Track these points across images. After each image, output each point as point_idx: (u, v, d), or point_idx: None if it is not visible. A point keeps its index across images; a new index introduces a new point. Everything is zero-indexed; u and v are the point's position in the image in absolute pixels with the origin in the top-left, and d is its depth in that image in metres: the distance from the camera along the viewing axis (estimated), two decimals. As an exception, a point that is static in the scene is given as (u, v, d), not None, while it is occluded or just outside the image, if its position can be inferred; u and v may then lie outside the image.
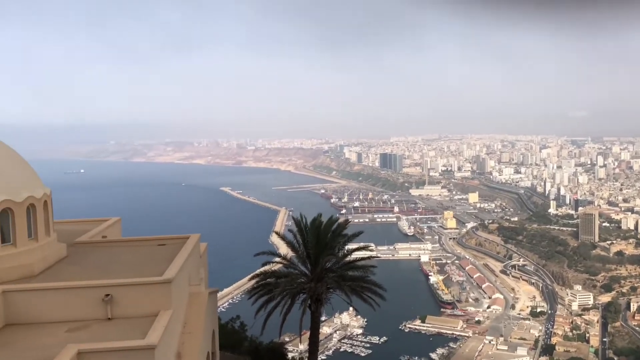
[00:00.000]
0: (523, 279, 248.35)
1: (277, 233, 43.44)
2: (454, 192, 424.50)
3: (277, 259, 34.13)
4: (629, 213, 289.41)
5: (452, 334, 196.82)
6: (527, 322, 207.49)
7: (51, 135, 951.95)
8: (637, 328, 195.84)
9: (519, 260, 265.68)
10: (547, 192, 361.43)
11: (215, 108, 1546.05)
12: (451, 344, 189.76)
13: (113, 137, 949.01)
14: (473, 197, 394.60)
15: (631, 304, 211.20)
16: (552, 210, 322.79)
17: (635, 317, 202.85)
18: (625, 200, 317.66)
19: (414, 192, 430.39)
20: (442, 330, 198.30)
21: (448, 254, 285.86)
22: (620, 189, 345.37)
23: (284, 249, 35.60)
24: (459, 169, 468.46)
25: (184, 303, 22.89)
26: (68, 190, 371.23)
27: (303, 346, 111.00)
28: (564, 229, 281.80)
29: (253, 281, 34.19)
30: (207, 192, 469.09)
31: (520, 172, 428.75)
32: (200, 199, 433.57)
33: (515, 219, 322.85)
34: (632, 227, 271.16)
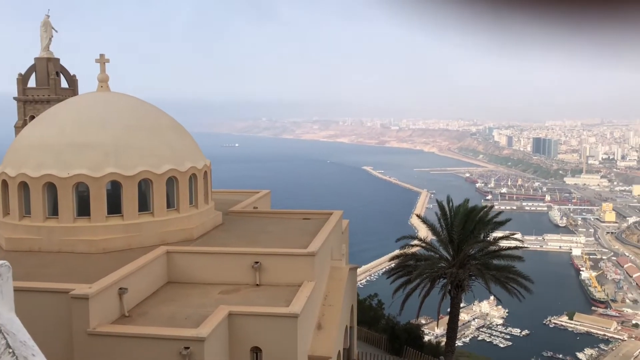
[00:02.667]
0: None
1: (418, 216, 42.96)
2: (615, 183, 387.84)
3: (417, 242, 33.84)
4: None
5: (604, 335, 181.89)
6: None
7: (212, 110, 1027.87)
8: None
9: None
10: None
11: (360, 87, 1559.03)
12: (602, 346, 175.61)
13: (265, 114, 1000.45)
14: (638, 189, 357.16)
15: None
16: None
17: None
18: None
19: (569, 180, 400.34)
20: (592, 330, 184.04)
21: (604, 249, 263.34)
22: None
23: (423, 231, 35.28)
24: (623, 157, 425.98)
25: (325, 276, 23.66)
26: (224, 162, 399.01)
27: (439, 330, 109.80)
28: None
29: (391, 262, 34.33)
30: (350, 170, 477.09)
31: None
32: (343, 177, 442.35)
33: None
34: None
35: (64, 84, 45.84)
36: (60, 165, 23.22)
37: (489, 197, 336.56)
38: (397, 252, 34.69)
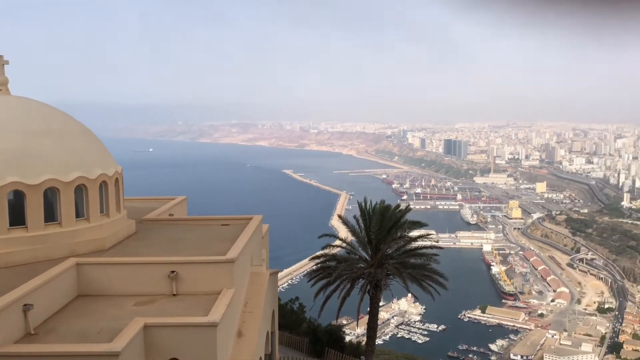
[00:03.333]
0: (591, 274, 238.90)
1: (339, 216, 43.49)
2: (520, 181, 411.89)
3: (338, 243, 34.22)
4: None
5: (513, 326, 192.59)
6: (593, 318, 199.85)
7: (123, 114, 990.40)
8: None
9: (587, 254, 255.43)
10: (620, 184, 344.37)
11: (279, 91, 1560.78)
12: (512, 336, 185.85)
13: (181, 117, 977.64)
14: (540, 187, 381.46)
15: None
16: (625, 203, 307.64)
17: None
18: None
19: (479, 179, 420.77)
20: (503, 322, 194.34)
21: (512, 245, 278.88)
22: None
23: (344, 232, 35.70)
24: (527, 157, 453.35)
25: (245, 282, 23.36)
26: (137, 169, 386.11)
27: (360, 330, 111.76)
28: (638, 223, 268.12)
29: (313, 263, 34.53)
30: (269, 174, 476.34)
31: (592, 162, 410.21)
32: (263, 181, 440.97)
33: (585, 210, 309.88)
34: None
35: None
36: (-46, 174, 21.50)
37: (405, 197, 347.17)
38: (318, 253, 34.92)
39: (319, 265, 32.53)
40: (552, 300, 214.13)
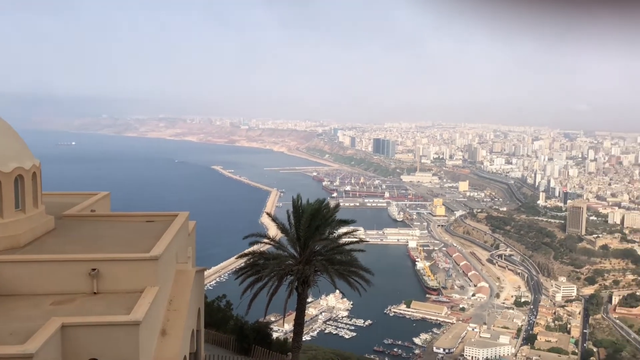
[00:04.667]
0: (509, 269, 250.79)
1: (268, 214, 43.40)
2: (444, 180, 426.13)
3: (266, 240, 34.13)
4: (616, 208, 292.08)
5: (436, 319, 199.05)
6: (510, 311, 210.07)
7: (45, 106, 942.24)
8: (617, 321, 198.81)
9: (506, 250, 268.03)
10: (537, 184, 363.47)
11: (209, 85, 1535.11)
12: (435, 330, 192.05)
13: (106, 110, 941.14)
14: (463, 186, 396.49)
15: (613, 297, 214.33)
16: (541, 202, 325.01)
17: (617, 310, 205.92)
18: (613, 195, 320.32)
19: (405, 178, 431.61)
20: (427, 316, 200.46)
21: (436, 241, 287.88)
22: (609, 184, 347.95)
23: (274, 230, 35.65)
24: (451, 157, 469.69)
25: (170, 280, 22.90)
26: (59, 163, 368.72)
27: (288, 326, 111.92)
28: (552, 221, 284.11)
29: (241, 261, 34.29)
30: (198, 170, 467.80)
31: (511, 163, 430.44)
32: (191, 177, 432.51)
33: (504, 209, 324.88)
34: (618, 222, 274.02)
35: None
36: None
37: (335, 194, 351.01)
38: (246, 251, 34.74)
39: (247, 262, 32.36)
40: (473, 295, 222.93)
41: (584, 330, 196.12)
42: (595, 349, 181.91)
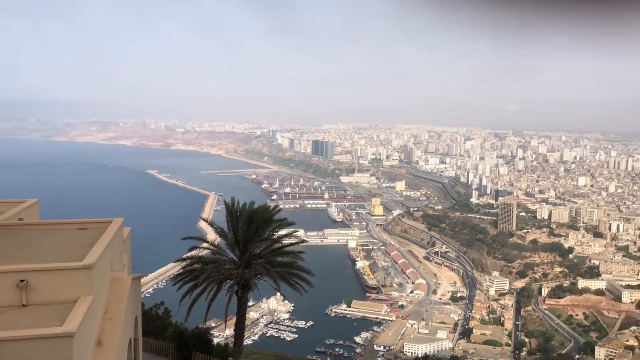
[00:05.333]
0: (445, 265, 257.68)
1: (204, 219, 42.85)
2: (382, 180, 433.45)
3: (205, 245, 33.68)
4: (544, 204, 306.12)
5: (377, 318, 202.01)
6: (447, 306, 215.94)
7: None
8: (546, 312, 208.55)
9: (442, 247, 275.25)
10: (469, 182, 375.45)
11: (142, 88, 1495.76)
12: (375, 328, 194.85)
13: (33, 114, 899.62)
14: (400, 185, 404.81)
15: (542, 289, 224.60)
16: (474, 200, 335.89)
17: (546, 302, 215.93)
18: (540, 192, 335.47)
19: (344, 179, 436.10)
20: (367, 315, 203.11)
21: (374, 240, 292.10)
22: (537, 181, 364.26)
23: (212, 234, 35.17)
24: (388, 157, 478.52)
25: (105, 289, 22.20)
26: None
27: (229, 331, 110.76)
28: (485, 217, 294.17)
29: (179, 266, 33.65)
30: (132, 175, 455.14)
31: (445, 162, 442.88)
32: (125, 182, 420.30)
33: (439, 207, 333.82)
34: (546, 217, 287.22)
35: None
36: None
37: (274, 196, 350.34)
38: (184, 256, 34.13)
39: (185, 268, 31.80)
40: (411, 292, 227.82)
41: (516, 322, 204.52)
42: (527, 340, 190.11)
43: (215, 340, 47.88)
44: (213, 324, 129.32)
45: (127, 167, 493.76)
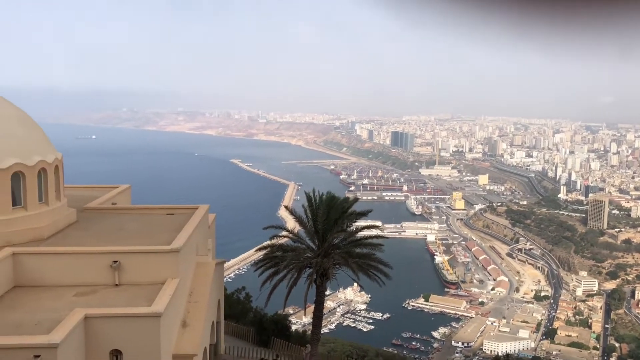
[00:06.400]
0: (529, 263, 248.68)
1: (286, 207, 43.49)
2: (463, 173, 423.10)
3: (285, 233, 34.29)
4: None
5: (455, 313, 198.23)
6: (530, 305, 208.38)
7: (66, 100, 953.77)
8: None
9: (526, 244, 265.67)
10: (558, 177, 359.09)
11: (228, 79, 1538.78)
12: (453, 324, 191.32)
13: (126, 104, 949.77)
14: (483, 179, 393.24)
15: (636, 292, 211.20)
16: (562, 196, 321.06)
17: (639, 305, 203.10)
18: (636, 189, 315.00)
19: (424, 171, 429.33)
20: (445, 310, 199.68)
21: (455, 235, 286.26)
22: (632, 177, 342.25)
23: (291, 223, 35.72)
24: (470, 150, 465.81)
25: (190, 272, 23.13)
26: (79, 156, 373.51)
27: (307, 319, 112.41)
28: (573, 214, 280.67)
29: (260, 253, 34.47)
30: (217, 163, 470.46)
31: (531, 156, 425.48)
32: (210, 170, 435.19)
33: (524, 202, 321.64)
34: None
35: None
36: None
37: (352, 188, 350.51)
38: (265, 244, 34.92)
39: (266, 255, 32.52)
40: (492, 289, 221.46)
41: (606, 325, 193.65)
42: (617, 345, 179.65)
43: (293, 327, 48.78)
44: (291, 311, 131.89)
45: (212, 156, 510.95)
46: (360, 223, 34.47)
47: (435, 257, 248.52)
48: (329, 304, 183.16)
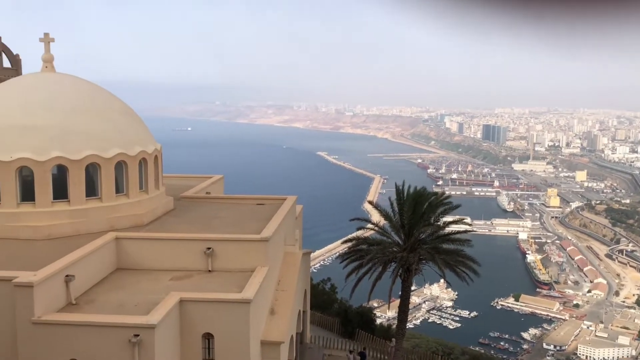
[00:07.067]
0: (631, 265, 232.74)
1: (370, 202, 43.40)
2: (559, 169, 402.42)
3: (370, 226, 34.23)
4: None
5: (547, 315, 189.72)
6: (632, 310, 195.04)
7: (162, 93, 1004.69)
8: None
9: (628, 245, 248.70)
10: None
11: (315, 72, 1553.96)
12: (545, 325, 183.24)
13: (218, 97, 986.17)
14: (580, 176, 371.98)
15: None
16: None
17: None
18: None
19: (517, 166, 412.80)
20: (536, 311, 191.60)
21: (548, 233, 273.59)
22: None
23: (376, 216, 35.58)
24: (568, 144, 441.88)
25: (279, 261, 23.67)
26: (176, 147, 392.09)
27: (391, 313, 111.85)
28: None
29: (345, 245, 34.66)
30: (303, 156, 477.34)
31: (636, 152, 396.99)
32: (298, 162, 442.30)
33: (627, 201, 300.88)
34: None
35: (6, 63, 43.96)
36: (2, 148, 22.27)
37: (440, 182, 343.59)
38: (350, 236, 35.06)
39: (351, 247, 32.63)
40: (589, 291, 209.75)
41: None
42: None
43: (378, 321, 48.67)
44: (375, 304, 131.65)
45: (299, 148, 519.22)
46: (448, 218, 33.75)
47: (527, 255, 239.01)
48: (414, 299, 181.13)
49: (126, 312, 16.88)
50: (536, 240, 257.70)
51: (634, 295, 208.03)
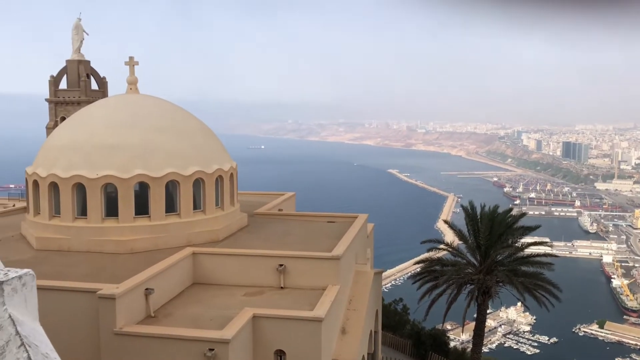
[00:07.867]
0: None
1: (445, 221, 42.51)
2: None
3: (443, 246, 33.47)
4: None
5: (636, 344, 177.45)
6: None
7: (237, 112, 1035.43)
8: None
9: None
10: None
11: (387, 90, 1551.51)
12: (634, 356, 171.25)
13: (291, 116, 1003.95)
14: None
15: None
16: None
17: None
18: None
19: (600, 185, 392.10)
20: (624, 339, 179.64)
21: (637, 257, 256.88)
22: None
23: (450, 236, 34.84)
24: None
25: (350, 280, 23.52)
26: (250, 164, 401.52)
27: (465, 336, 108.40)
28: None
29: (417, 266, 34.04)
30: (375, 173, 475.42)
31: None
32: (369, 180, 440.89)
33: None
34: None
35: (94, 85, 46.66)
36: (89, 166, 23.55)
37: (517, 201, 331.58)
38: (422, 256, 34.42)
39: (424, 268, 31.99)
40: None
41: None
42: None
43: (452, 344, 47.25)
44: (448, 327, 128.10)
45: (370, 165, 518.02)
46: (527, 239, 32.46)
47: (612, 280, 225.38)
48: (489, 322, 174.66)
49: (202, 326, 17.26)
50: (622, 264, 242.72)
51: None
